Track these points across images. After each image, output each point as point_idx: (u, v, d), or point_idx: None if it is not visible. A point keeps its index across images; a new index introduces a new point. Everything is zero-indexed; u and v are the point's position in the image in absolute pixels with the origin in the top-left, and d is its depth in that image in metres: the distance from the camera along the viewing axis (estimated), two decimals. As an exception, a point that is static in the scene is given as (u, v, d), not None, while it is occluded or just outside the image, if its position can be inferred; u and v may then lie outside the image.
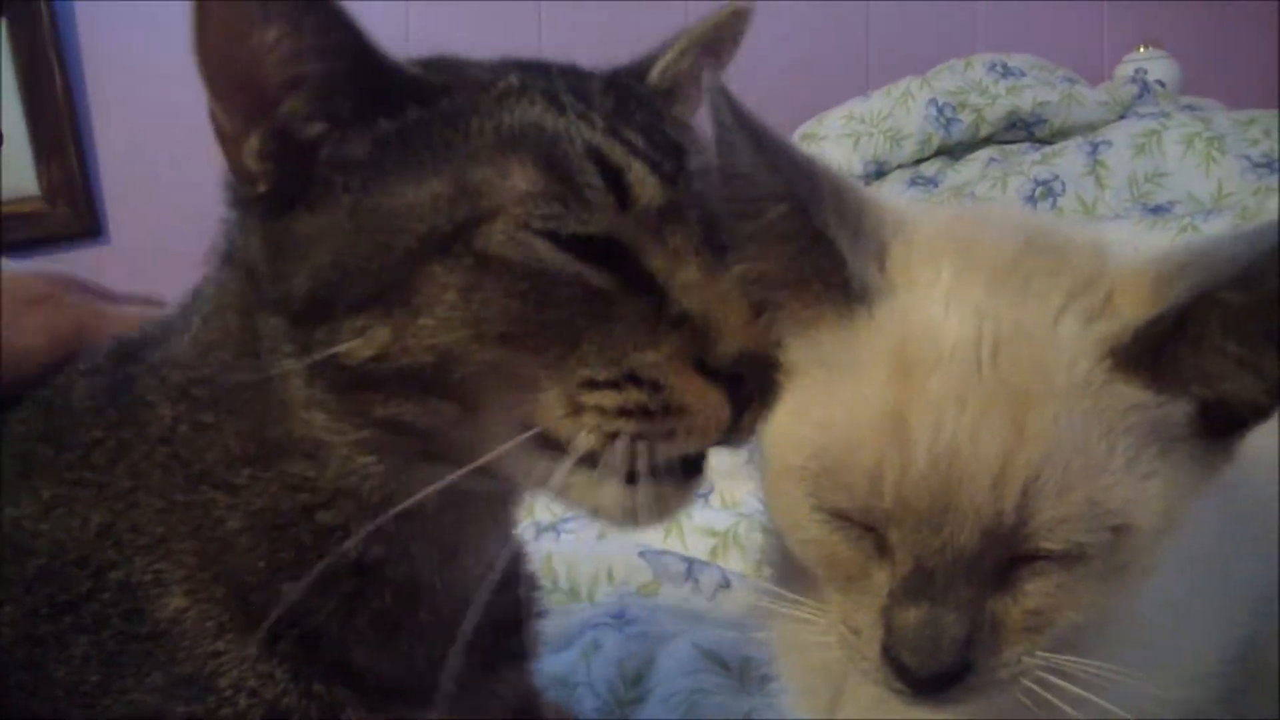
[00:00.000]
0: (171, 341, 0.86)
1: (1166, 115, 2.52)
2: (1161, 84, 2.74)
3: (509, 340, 0.73)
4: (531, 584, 1.03)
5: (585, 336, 0.74)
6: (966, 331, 0.65)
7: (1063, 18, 3.08)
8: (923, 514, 0.64)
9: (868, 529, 0.67)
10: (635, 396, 0.73)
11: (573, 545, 1.45)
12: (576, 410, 0.74)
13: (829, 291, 0.68)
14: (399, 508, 0.77)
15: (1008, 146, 2.64)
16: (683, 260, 0.76)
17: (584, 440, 0.73)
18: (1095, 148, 2.48)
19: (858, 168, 2.63)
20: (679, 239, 0.76)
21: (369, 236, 0.74)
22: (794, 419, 0.70)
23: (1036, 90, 2.65)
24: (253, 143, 0.76)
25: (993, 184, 2.45)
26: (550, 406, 0.74)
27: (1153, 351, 0.64)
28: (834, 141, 2.66)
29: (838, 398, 0.67)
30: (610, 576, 1.39)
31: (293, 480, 0.81)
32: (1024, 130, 2.65)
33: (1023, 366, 0.64)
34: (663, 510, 0.76)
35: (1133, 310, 0.65)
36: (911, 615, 0.65)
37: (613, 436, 0.73)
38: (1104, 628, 0.71)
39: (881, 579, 0.67)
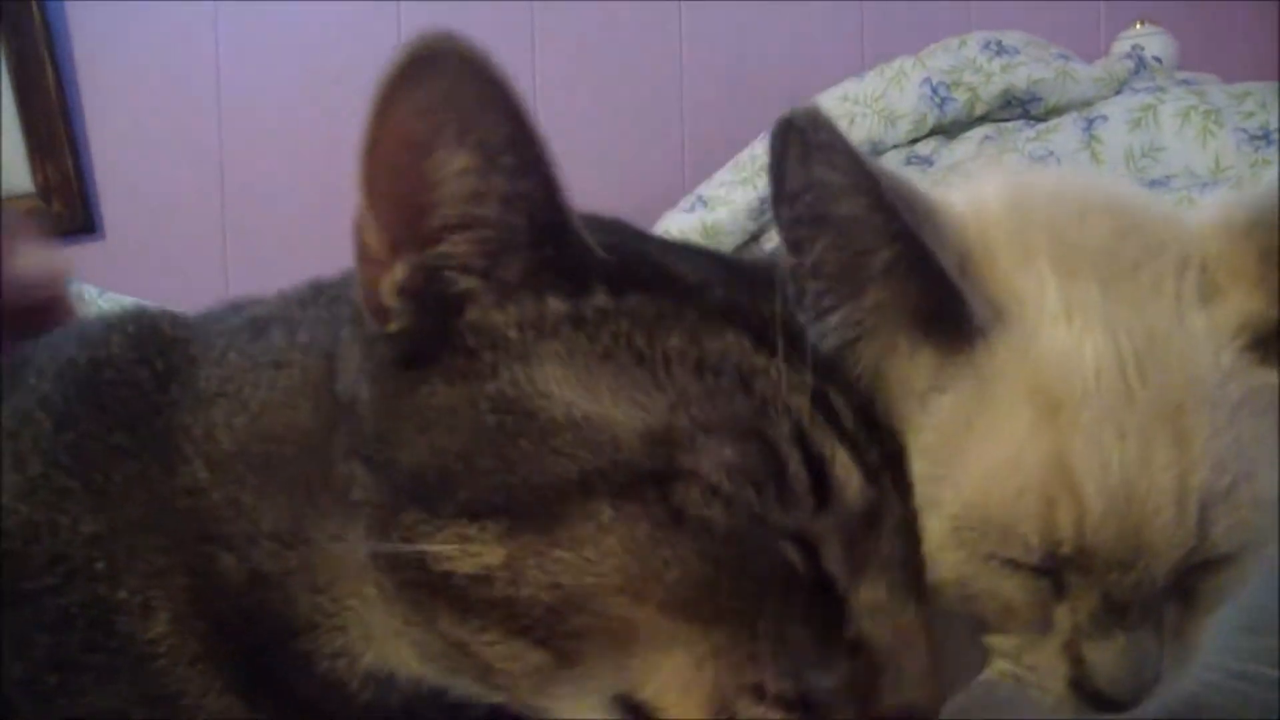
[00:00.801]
0: (228, 378, 0.81)
1: (1162, 90, 2.50)
2: (1158, 60, 2.72)
3: (670, 608, 0.62)
4: None
5: (764, 628, 0.63)
6: (1105, 352, 0.62)
7: (1057, -4, 3.07)
8: (1109, 556, 0.62)
9: (1042, 572, 0.64)
10: None
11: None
12: (725, 713, 0.63)
13: (939, 330, 0.65)
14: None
15: (1003, 124, 2.62)
16: (870, 575, 0.66)
17: None
18: (1091, 123, 2.46)
19: (853, 148, 2.61)
20: (872, 547, 0.67)
21: (515, 440, 0.64)
22: (931, 488, 0.66)
23: (1031, 68, 2.63)
24: (397, 273, 0.67)
25: (988, 162, 2.44)
26: (688, 696, 0.63)
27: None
28: (829, 123, 2.64)
29: (979, 449, 0.64)
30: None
31: (314, 586, 0.77)
32: (1019, 108, 2.63)
33: (1171, 377, 0.62)
34: None
35: (1234, 277, 0.64)
36: (1108, 650, 0.64)
37: None
38: None
39: (1061, 616, 0.65)
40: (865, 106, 2.64)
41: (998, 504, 0.63)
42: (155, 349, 0.86)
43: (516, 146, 0.64)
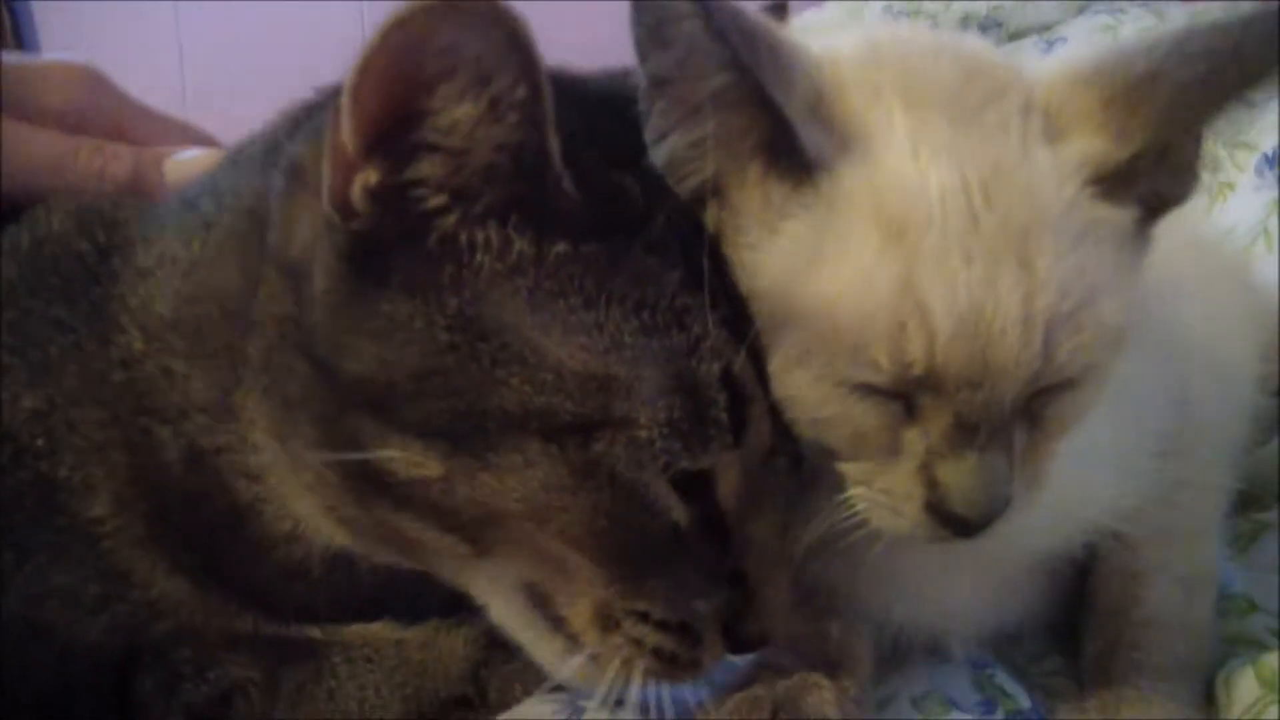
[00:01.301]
0: (164, 250, 0.82)
1: (1122, 10, 2.50)
2: (1119, -18, 2.72)
3: (575, 542, 0.69)
4: None
5: (654, 569, 0.70)
6: (950, 179, 0.64)
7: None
8: (960, 377, 0.63)
9: (893, 396, 0.66)
10: (671, 646, 0.71)
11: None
12: (609, 624, 0.70)
13: (784, 162, 0.66)
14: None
15: (964, 51, 2.62)
16: (760, 512, 0.72)
17: (607, 656, 0.71)
18: (1051, 45, 2.45)
19: (815, 79, 2.61)
20: (765, 486, 0.72)
21: (466, 365, 0.66)
22: (780, 312, 0.67)
23: (992, -7, 2.64)
24: (369, 178, 0.67)
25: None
26: (581, 607, 0.71)
27: (1129, 175, 0.66)
28: (790, 53, 2.64)
29: (827, 275, 0.65)
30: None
31: (246, 470, 0.79)
32: (980, 34, 2.63)
33: (1016, 204, 0.63)
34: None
35: (1079, 121, 0.67)
36: (960, 469, 0.65)
37: (625, 662, 0.71)
38: None
39: (913, 439, 0.67)
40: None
41: (847, 328, 0.64)
42: (98, 224, 0.87)
43: (525, 107, 0.65)
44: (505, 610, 0.75)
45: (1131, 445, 0.81)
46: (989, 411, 0.65)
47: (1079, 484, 0.78)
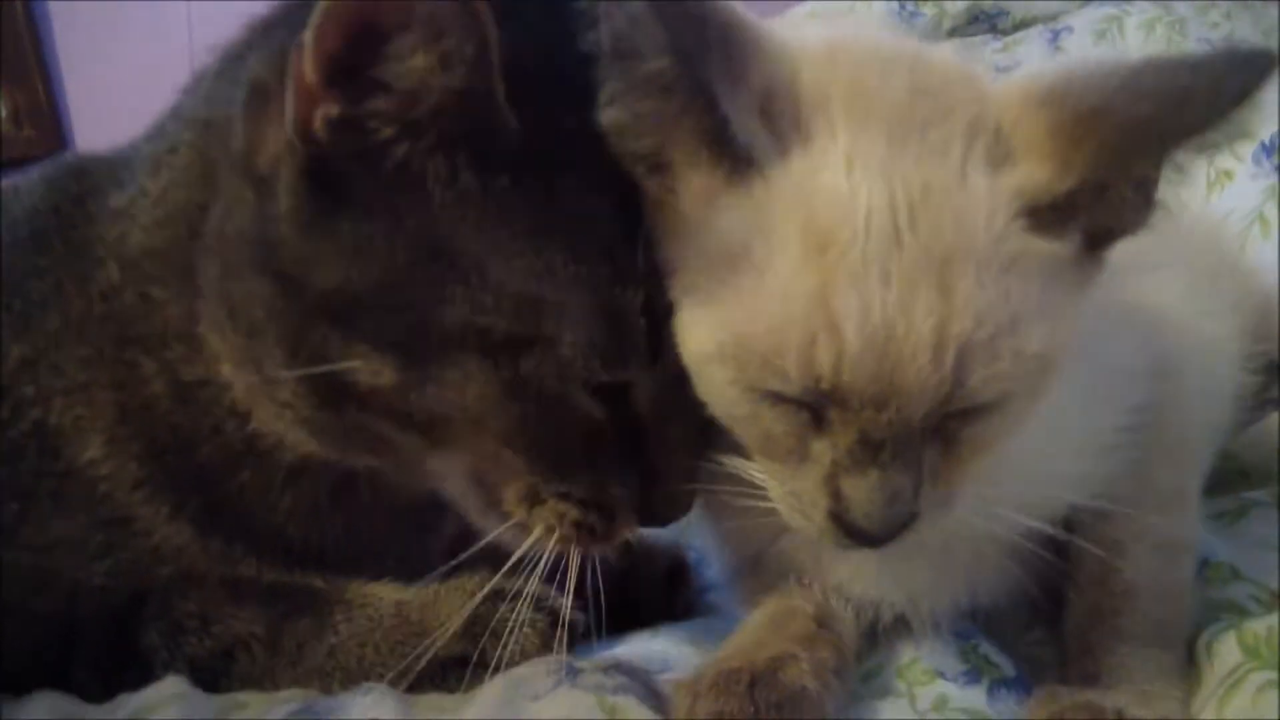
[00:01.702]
0: (130, 189, 0.85)
1: (1127, 1, 2.51)
2: (1126, -26, 2.72)
3: (507, 441, 0.77)
4: None
5: (576, 461, 0.78)
6: (878, 199, 0.64)
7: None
8: (865, 395, 0.64)
9: (802, 405, 0.67)
10: (590, 520, 0.80)
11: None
12: (535, 502, 0.79)
13: (718, 155, 0.66)
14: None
15: (970, 39, 2.62)
16: (671, 420, 0.78)
17: (532, 524, 0.80)
18: (1056, 35, 2.47)
19: (821, 65, 2.62)
20: (677, 399, 0.76)
21: (419, 288, 0.72)
22: (701, 300, 0.69)
23: (998, -18, 2.64)
24: (330, 109, 0.71)
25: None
26: (513, 489, 0.80)
27: (1065, 209, 0.66)
28: (797, 39, 2.65)
29: (749, 277, 0.65)
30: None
31: (218, 381, 0.83)
32: (986, 22, 2.63)
33: (942, 230, 0.63)
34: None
35: (1026, 147, 0.66)
36: (862, 484, 0.66)
37: (548, 529, 0.80)
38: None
39: (820, 449, 0.68)
40: (834, 21, 2.64)
41: (762, 335, 0.65)
42: (69, 176, 0.91)
43: (472, 61, 0.69)
44: (454, 489, 0.83)
45: (1103, 422, 0.82)
46: (893, 430, 0.65)
47: (1048, 466, 0.79)
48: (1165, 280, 0.88)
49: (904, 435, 0.66)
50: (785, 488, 0.71)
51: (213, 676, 0.83)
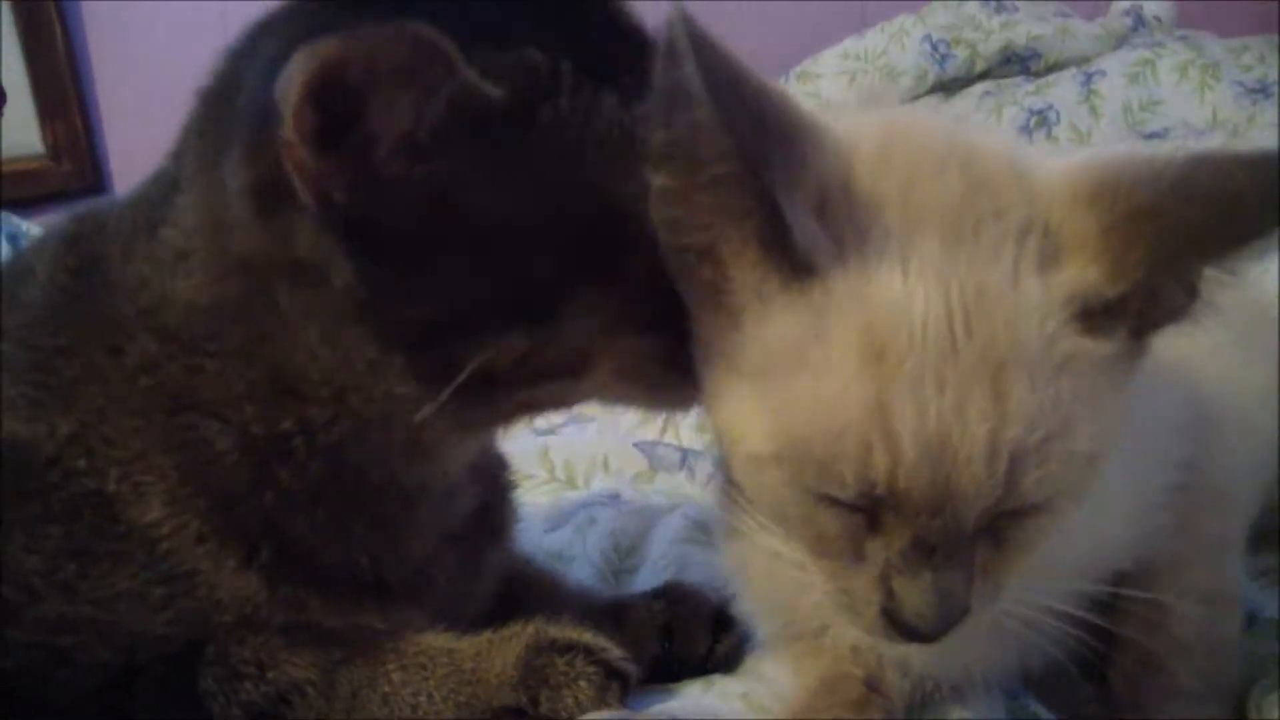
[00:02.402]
0: (150, 265, 0.83)
1: (1160, 44, 2.52)
2: (1157, 18, 2.74)
3: (644, 329, 0.78)
4: (502, 464, 1.05)
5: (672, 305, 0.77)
6: (935, 306, 0.64)
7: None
8: (921, 502, 0.64)
9: (856, 508, 0.67)
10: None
11: (568, 439, 1.47)
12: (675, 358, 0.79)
13: (777, 258, 0.67)
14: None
15: (1002, 80, 2.64)
16: None
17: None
18: (1090, 77, 2.48)
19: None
20: None
21: (498, 260, 0.73)
22: (756, 403, 0.69)
23: (1031, 24, 2.65)
24: (340, 179, 0.71)
25: (988, 115, 2.47)
26: (654, 363, 0.80)
27: (1117, 310, 0.66)
28: (830, 79, 2.66)
29: (807, 383, 0.66)
30: (605, 466, 1.41)
31: (309, 420, 0.82)
32: (1019, 64, 2.65)
33: (996, 335, 0.63)
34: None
35: (1075, 246, 0.66)
36: (915, 586, 0.67)
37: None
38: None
39: (875, 550, 0.68)
40: (867, 63, 2.66)
41: (819, 441, 0.65)
42: (66, 246, 0.89)
43: (449, 82, 0.69)
44: (605, 393, 0.84)
45: (1152, 482, 0.82)
46: (947, 534, 0.66)
47: (1099, 535, 0.79)
48: (1204, 329, 0.87)
49: (956, 537, 0.66)
50: (837, 584, 0.71)
51: (268, 723, 0.84)
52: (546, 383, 0.79)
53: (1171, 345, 0.75)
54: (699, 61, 0.62)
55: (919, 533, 0.65)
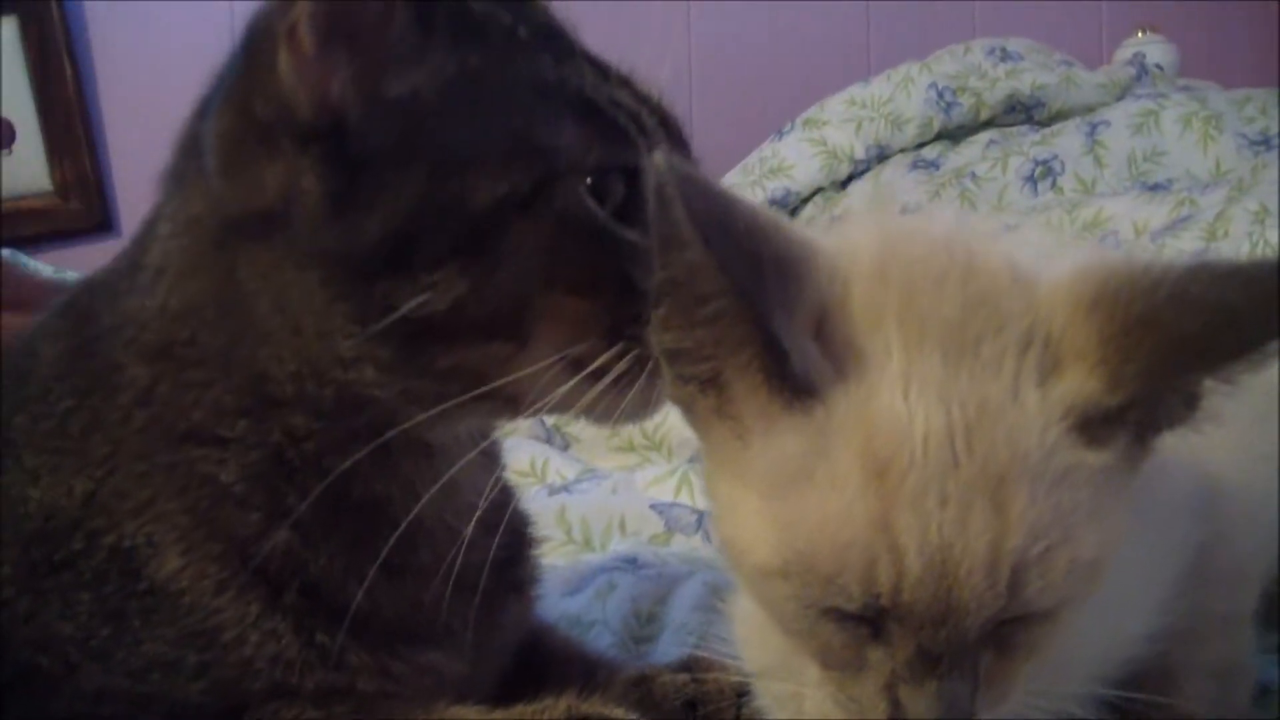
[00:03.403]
0: (132, 295, 0.86)
1: (1164, 96, 2.55)
2: (1160, 67, 2.76)
3: (575, 288, 0.79)
4: (525, 520, 1.06)
5: (632, 278, 0.79)
6: (935, 423, 0.64)
7: (1061, 5, 3.11)
8: (924, 614, 0.65)
9: (862, 620, 0.67)
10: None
11: (584, 500, 1.48)
12: (615, 338, 0.80)
13: (778, 383, 0.67)
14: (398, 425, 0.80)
15: (1008, 129, 2.66)
16: None
17: (616, 364, 0.80)
18: (1094, 128, 2.51)
19: (860, 152, 2.66)
20: None
21: (447, 188, 0.77)
22: (763, 517, 0.69)
23: (1035, 73, 2.68)
24: (343, 73, 0.76)
25: (993, 164, 2.49)
26: (596, 339, 0.80)
27: (1116, 421, 0.65)
28: (836, 126, 2.68)
29: (810, 500, 0.66)
30: (622, 528, 1.42)
31: (296, 431, 0.82)
32: (1023, 113, 2.68)
33: (997, 450, 0.64)
34: (657, 401, 0.83)
35: (1075, 355, 0.66)
36: (920, 695, 0.67)
37: (638, 357, 0.79)
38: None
39: (879, 659, 0.68)
40: (872, 110, 2.68)
41: (825, 555, 0.65)
42: (58, 314, 0.92)
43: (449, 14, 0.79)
44: (556, 385, 0.81)
45: (1167, 571, 0.82)
46: (951, 644, 0.66)
47: (1107, 635, 0.79)
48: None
49: (960, 647, 0.66)
50: (843, 692, 0.71)
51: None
52: (483, 341, 0.79)
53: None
54: (686, 205, 0.64)
55: (923, 643, 0.66)
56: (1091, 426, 0.65)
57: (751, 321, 0.66)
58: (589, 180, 0.79)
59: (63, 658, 0.82)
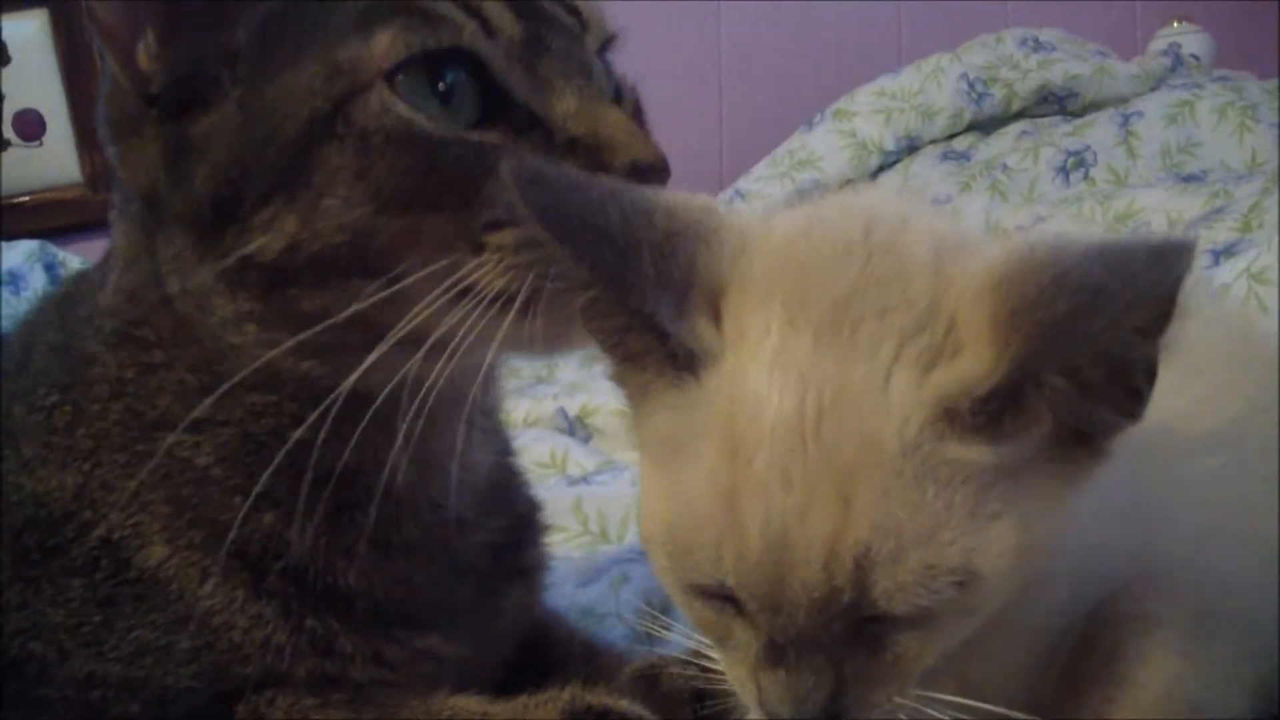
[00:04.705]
0: (103, 284, 0.87)
1: (1199, 86, 2.51)
2: (1195, 58, 2.73)
3: (410, 206, 0.75)
4: (532, 505, 1.04)
5: (482, 184, 0.75)
6: (789, 403, 0.62)
7: (1095, -5, 3.08)
8: (760, 599, 0.63)
9: (726, 599, 0.66)
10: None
11: (602, 491, 1.47)
12: (479, 250, 0.75)
13: (664, 361, 0.66)
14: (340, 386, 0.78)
15: (1039, 120, 2.63)
16: (557, 90, 0.78)
17: (491, 279, 0.75)
18: (1127, 118, 2.47)
19: (890, 144, 2.65)
20: (549, 68, 0.78)
21: (260, 127, 0.76)
22: (647, 491, 0.69)
23: (1068, 64, 2.65)
24: (149, 40, 0.77)
25: (1024, 155, 2.46)
26: (459, 255, 0.75)
27: (992, 412, 0.61)
28: (865, 118, 2.67)
29: (678, 474, 0.65)
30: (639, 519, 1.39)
31: (255, 407, 0.82)
32: (1055, 104, 2.65)
33: (847, 438, 0.61)
34: (573, 335, 0.78)
35: (973, 340, 0.62)
36: (771, 680, 0.65)
37: (521, 270, 0.74)
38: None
39: (747, 639, 0.67)
40: (902, 101, 2.66)
41: (684, 530, 0.65)
42: (55, 308, 0.93)
43: None
44: (452, 318, 0.76)
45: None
46: (789, 634, 0.64)
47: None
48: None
49: (809, 639, 0.64)
50: (730, 670, 0.70)
51: (299, 785, 0.83)
52: (339, 278, 0.76)
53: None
54: (530, 204, 0.64)
55: (770, 630, 0.64)
56: (971, 418, 0.61)
57: (621, 306, 0.65)
58: (391, 83, 0.75)
59: (55, 644, 0.82)
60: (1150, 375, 0.61)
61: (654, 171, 0.78)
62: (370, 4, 0.77)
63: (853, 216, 0.70)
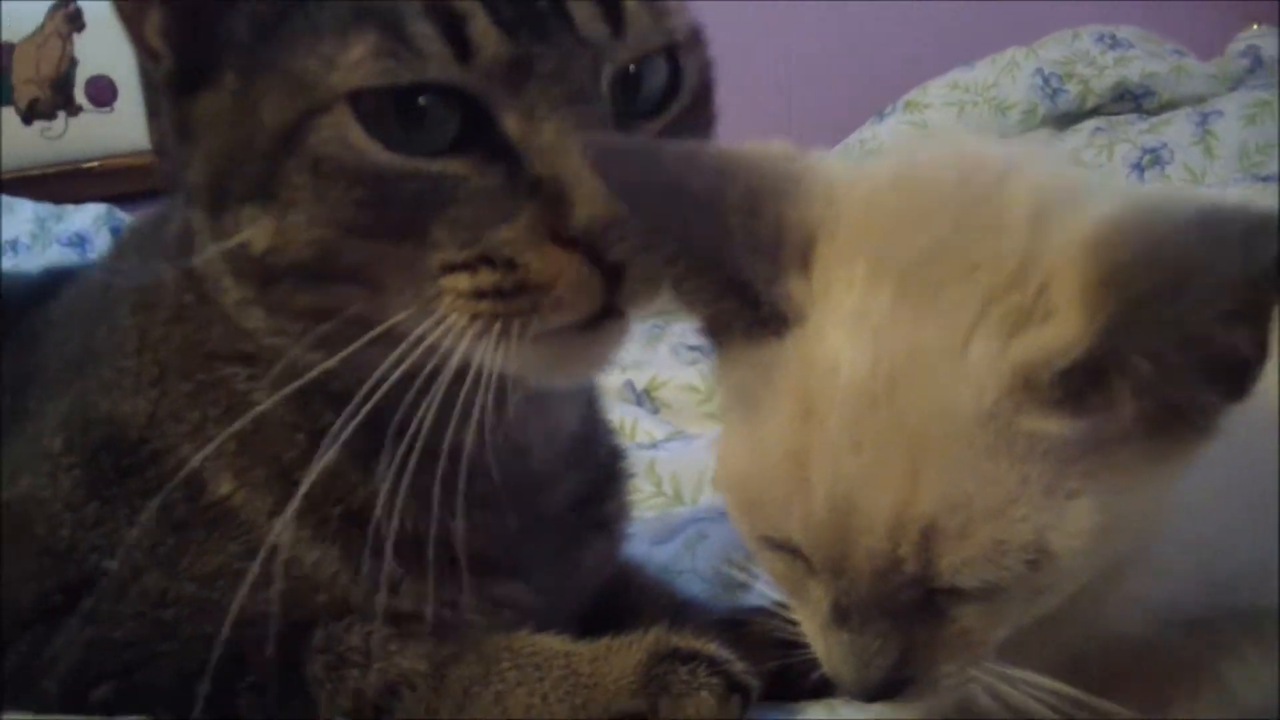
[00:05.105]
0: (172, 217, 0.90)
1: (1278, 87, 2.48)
2: (1275, 59, 2.69)
3: (371, 234, 0.74)
4: (616, 455, 1.04)
5: (435, 222, 0.73)
6: (862, 363, 0.60)
7: (1174, -3, 3.04)
8: (823, 560, 0.62)
9: (796, 554, 0.65)
10: (488, 278, 0.73)
11: (675, 456, 1.46)
12: (435, 295, 0.74)
13: (752, 319, 0.65)
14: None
15: (1114, 117, 2.61)
16: (537, 120, 0.74)
17: (450, 322, 0.74)
18: (1205, 118, 2.45)
19: (961, 136, 2.62)
20: (535, 95, 0.74)
21: (246, 125, 0.75)
22: (726, 438, 0.69)
23: (1145, 62, 2.62)
24: (153, 17, 0.77)
25: (1099, 151, 2.44)
26: (407, 297, 0.75)
27: (1073, 387, 0.57)
28: (938, 110, 2.65)
29: (755, 428, 0.64)
30: (713, 482, 1.39)
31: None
32: (1131, 102, 2.62)
33: (920, 404, 0.58)
34: (569, 363, 0.79)
35: (1065, 305, 0.57)
36: (836, 644, 0.65)
37: (476, 318, 0.73)
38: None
39: (818, 596, 0.65)
40: (976, 95, 2.64)
41: (754, 483, 0.64)
42: (140, 231, 1.00)
43: None
44: (453, 334, 0.75)
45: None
46: (854, 598, 0.62)
47: None
48: None
49: (873, 605, 0.62)
50: (806, 630, 0.69)
51: (376, 713, 0.83)
52: (326, 283, 0.76)
53: None
54: (610, 182, 0.65)
55: (834, 591, 0.63)
56: (1051, 390, 0.57)
57: (713, 275, 0.64)
58: (355, 103, 0.73)
59: (130, 561, 0.83)
60: (1260, 351, 0.57)
61: (605, 232, 0.73)
62: (353, 4, 0.74)
63: (949, 165, 0.67)
